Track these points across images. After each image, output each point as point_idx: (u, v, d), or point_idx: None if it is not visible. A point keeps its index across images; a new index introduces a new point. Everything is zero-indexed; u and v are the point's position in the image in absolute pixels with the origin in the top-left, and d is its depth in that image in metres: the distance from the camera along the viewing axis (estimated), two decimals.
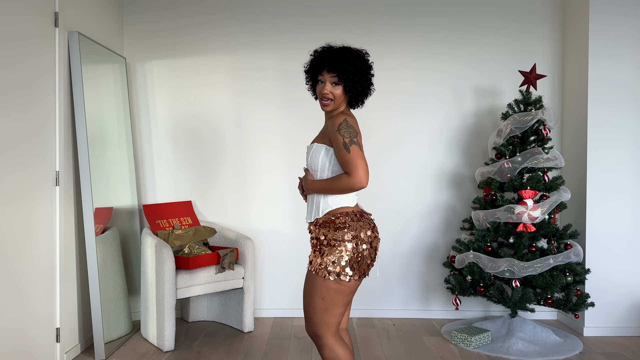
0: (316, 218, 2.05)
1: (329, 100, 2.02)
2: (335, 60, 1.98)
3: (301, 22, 3.98)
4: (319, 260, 2.00)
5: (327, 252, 1.98)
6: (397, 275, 4.04)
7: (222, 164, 4.02)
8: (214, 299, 3.88)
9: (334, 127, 1.94)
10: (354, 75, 1.99)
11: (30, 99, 2.74)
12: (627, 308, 3.65)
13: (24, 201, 2.67)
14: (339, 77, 1.99)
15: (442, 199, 4.02)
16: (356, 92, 2.04)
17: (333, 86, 2.01)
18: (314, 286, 2.00)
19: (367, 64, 2.05)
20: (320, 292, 1.98)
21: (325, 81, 2.02)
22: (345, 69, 1.97)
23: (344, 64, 1.98)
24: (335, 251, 1.97)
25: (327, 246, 1.99)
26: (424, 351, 3.32)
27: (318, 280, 1.99)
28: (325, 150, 2.01)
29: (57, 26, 2.99)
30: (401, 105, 3.99)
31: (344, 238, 1.97)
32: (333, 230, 1.99)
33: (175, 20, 3.99)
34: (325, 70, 2.00)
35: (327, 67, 1.99)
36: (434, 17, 3.98)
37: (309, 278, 2.03)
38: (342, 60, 1.98)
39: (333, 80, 2.00)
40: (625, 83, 3.62)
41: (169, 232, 3.54)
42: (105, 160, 3.50)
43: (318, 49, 2.07)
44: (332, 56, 1.99)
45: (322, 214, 2.03)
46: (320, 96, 2.04)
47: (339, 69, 1.98)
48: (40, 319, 2.82)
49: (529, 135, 3.49)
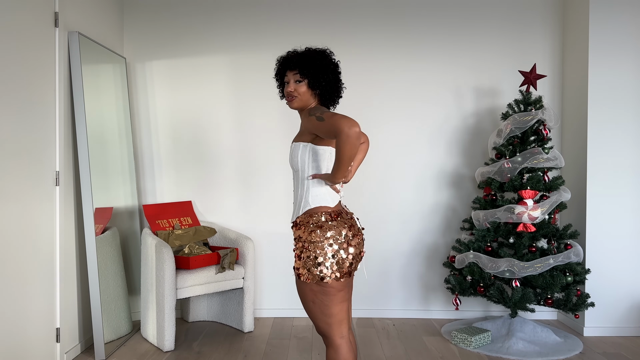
0: (297, 217, 2.06)
1: (293, 97, 2.07)
2: (295, 59, 2.07)
3: (301, 22, 3.98)
4: (299, 262, 2.00)
5: (305, 254, 1.98)
6: (397, 275, 4.04)
7: (222, 164, 4.02)
8: (214, 299, 3.88)
9: (307, 115, 2.02)
10: (315, 69, 2.05)
11: (30, 99, 2.74)
12: (627, 308, 3.65)
13: (24, 201, 2.67)
14: (300, 74, 2.05)
15: (442, 199, 4.02)
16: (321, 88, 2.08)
17: (297, 84, 2.07)
18: (302, 291, 2.02)
19: (329, 60, 2.09)
20: (310, 296, 1.99)
21: (289, 80, 2.08)
22: (305, 64, 2.05)
23: (304, 60, 2.06)
24: (311, 253, 1.96)
25: (304, 249, 1.99)
26: (424, 351, 3.32)
27: (302, 285, 2.00)
28: (302, 147, 2.04)
29: (57, 26, 2.99)
30: (401, 105, 3.99)
31: (318, 239, 1.96)
32: (308, 232, 1.99)
33: (175, 20, 3.99)
34: (288, 70, 2.08)
35: (289, 67, 2.09)
36: (434, 17, 3.98)
37: (296, 283, 2.04)
38: (302, 57, 2.07)
39: (296, 78, 2.06)
40: (625, 83, 3.62)
41: (169, 232, 3.54)
42: (105, 160, 3.50)
43: (281, 55, 2.19)
44: (293, 56, 2.09)
45: (301, 213, 2.04)
46: (286, 94, 2.10)
47: (299, 65, 2.05)
48: (40, 319, 2.82)
49: (529, 135, 3.49)
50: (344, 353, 2.01)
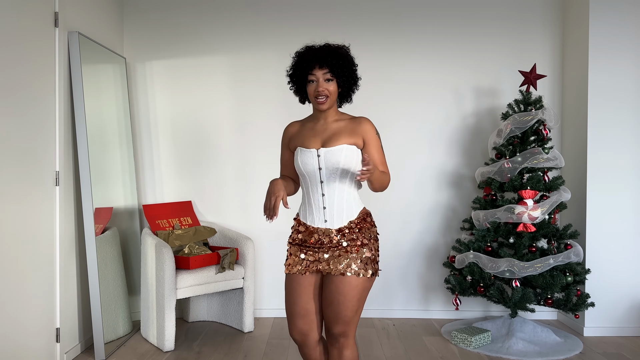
0: (349, 221, 2.05)
1: (324, 97, 2.00)
2: (325, 55, 1.97)
3: (301, 22, 3.98)
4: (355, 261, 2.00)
5: (363, 252, 2.01)
6: (397, 275, 4.03)
7: (222, 164, 4.02)
8: (214, 299, 3.88)
9: (371, 130, 2.04)
10: (346, 68, 2.00)
11: (30, 99, 2.74)
12: (627, 308, 3.65)
13: (24, 201, 2.67)
14: (331, 72, 1.98)
15: (442, 199, 4.02)
16: (349, 86, 2.05)
17: (327, 82, 1.99)
18: (357, 288, 1.99)
19: (352, 57, 2.06)
20: (362, 293, 2.01)
21: (318, 79, 1.99)
22: (337, 62, 1.97)
23: (335, 58, 1.97)
24: (371, 249, 2.03)
25: (362, 246, 2.02)
26: (424, 351, 3.32)
27: (359, 281, 1.99)
28: (353, 149, 2.03)
29: (57, 26, 2.99)
30: (401, 105, 3.99)
31: (375, 236, 2.08)
32: (367, 229, 2.05)
33: (175, 20, 3.99)
34: (317, 67, 1.98)
35: (318, 64, 1.97)
36: (434, 18, 3.98)
37: (345, 281, 1.99)
38: (331, 54, 1.98)
39: (326, 77, 1.99)
40: (625, 83, 3.62)
41: (169, 232, 3.54)
42: (105, 160, 3.50)
43: (300, 50, 2.06)
44: (321, 52, 1.98)
45: (356, 216, 2.06)
46: (316, 94, 2.00)
47: (331, 64, 1.97)
48: (40, 319, 2.82)
49: (529, 135, 3.49)
50: (357, 351, 2.10)
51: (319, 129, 2.08)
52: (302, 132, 2.12)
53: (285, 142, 2.20)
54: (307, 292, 2.06)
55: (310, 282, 2.07)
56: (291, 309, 2.08)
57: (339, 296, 1.99)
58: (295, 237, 2.14)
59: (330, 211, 2.05)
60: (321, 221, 2.07)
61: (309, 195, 2.09)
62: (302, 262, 2.08)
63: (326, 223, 2.06)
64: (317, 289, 2.08)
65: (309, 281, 2.07)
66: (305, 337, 2.07)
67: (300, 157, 2.05)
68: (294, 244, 2.14)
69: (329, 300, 2.01)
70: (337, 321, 2.01)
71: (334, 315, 2.01)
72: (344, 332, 2.03)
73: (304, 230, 2.11)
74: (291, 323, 2.08)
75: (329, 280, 2.02)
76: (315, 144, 2.05)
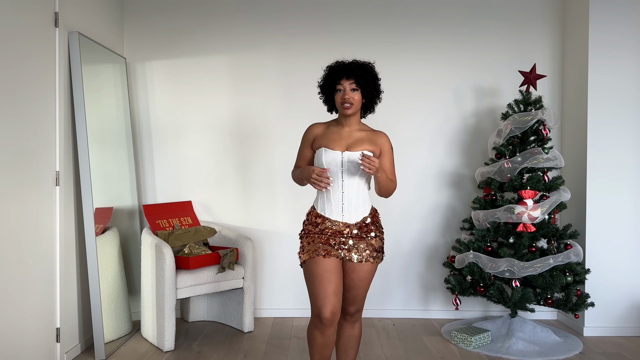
0: (363, 216, 2.37)
1: (350, 103, 2.31)
2: (352, 68, 2.32)
3: (301, 22, 3.98)
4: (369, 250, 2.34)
5: (374, 241, 2.37)
6: (397, 275, 4.04)
7: (222, 164, 4.02)
8: (214, 299, 3.88)
9: (387, 143, 2.42)
10: (370, 81, 2.33)
11: (30, 99, 2.74)
12: (627, 308, 3.65)
13: (24, 201, 2.67)
14: (356, 83, 2.30)
15: (442, 199, 4.02)
16: (372, 97, 2.38)
17: (352, 92, 2.32)
18: (372, 273, 2.38)
19: (376, 72, 2.40)
20: (373, 275, 2.40)
21: (344, 88, 2.31)
22: (363, 75, 2.31)
23: (361, 70, 2.32)
24: (382, 239, 2.41)
25: (375, 237, 2.38)
26: (424, 351, 3.32)
27: (373, 267, 2.37)
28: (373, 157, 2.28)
29: (57, 26, 2.99)
30: (401, 105, 3.99)
31: (382, 228, 2.45)
32: (376, 222, 2.41)
33: (175, 20, 3.99)
34: (344, 78, 2.31)
35: (345, 75, 2.31)
36: (434, 18, 3.98)
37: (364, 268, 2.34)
38: (358, 67, 2.32)
39: (352, 87, 2.31)
40: (625, 83, 3.62)
41: (169, 232, 3.54)
42: (105, 160, 3.50)
43: (331, 64, 2.39)
44: (348, 66, 2.33)
45: (368, 212, 2.39)
46: (342, 101, 2.32)
47: (356, 75, 2.30)
48: (40, 319, 2.83)
49: (529, 135, 3.49)
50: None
51: (344, 135, 2.39)
52: (327, 134, 2.41)
53: (309, 140, 2.48)
54: (336, 272, 2.30)
55: (336, 265, 2.31)
56: (326, 288, 2.26)
57: (358, 281, 2.35)
58: (312, 229, 2.38)
59: (348, 207, 2.35)
60: (339, 215, 2.35)
61: (330, 192, 2.36)
62: (324, 248, 2.32)
63: (343, 217, 2.35)
64: (340, 273, 2.33)
65: (335, 264, 2.31)
66: (335, 316, 2.28)
67: (325, 157, 2.34)
68: (311, 233, 2.38)
69: (350, 285, 2.35)
70: (355, 302, 2.39)
71: (352, 297, 2.38)
72: (359, 309, 2.43)
73: (322, 222, 2.37)
74: (325, 303, 2.25)
75: (350, 268, 2.34)
76: (340, 147, 2.36)
